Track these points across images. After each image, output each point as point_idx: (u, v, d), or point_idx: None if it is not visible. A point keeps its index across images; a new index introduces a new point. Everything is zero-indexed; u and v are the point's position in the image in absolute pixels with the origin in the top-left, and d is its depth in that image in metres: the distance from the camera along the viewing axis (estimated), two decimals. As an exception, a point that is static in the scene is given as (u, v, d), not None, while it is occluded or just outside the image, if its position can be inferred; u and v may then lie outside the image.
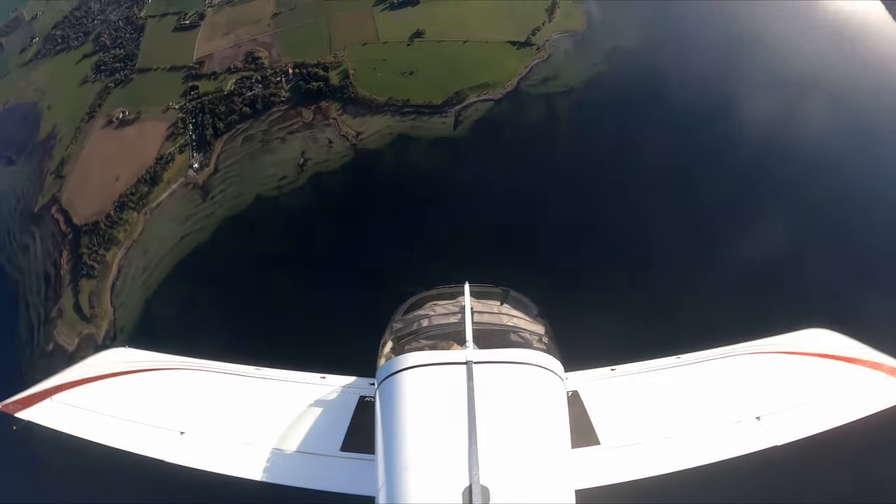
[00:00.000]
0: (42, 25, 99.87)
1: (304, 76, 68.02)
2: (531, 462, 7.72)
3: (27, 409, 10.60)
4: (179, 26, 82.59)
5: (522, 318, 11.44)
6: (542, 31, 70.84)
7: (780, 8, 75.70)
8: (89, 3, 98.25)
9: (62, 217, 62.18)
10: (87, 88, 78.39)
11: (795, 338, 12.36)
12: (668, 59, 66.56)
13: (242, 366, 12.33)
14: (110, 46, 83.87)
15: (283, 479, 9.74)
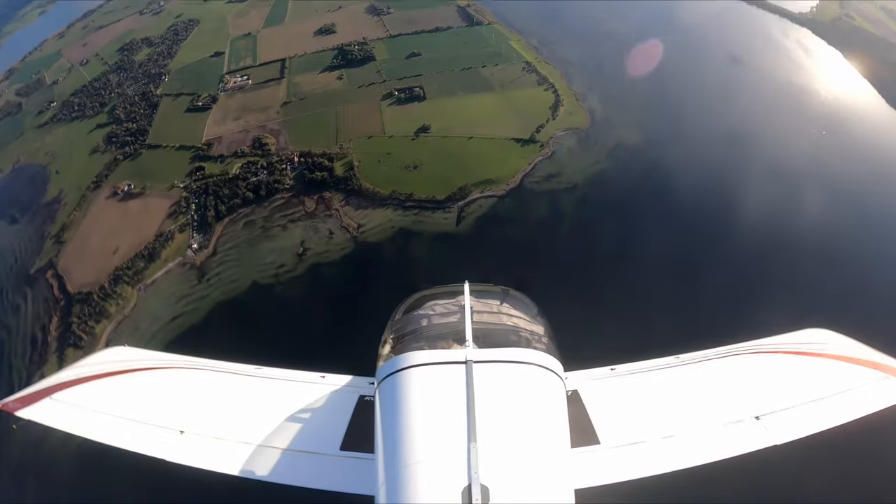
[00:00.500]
0: (61, 90, 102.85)
1: (310, 165, 68.39)
2: (531, 461, 7.60)
3: (27, 407, 10.47)
4: (192, 107, 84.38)
5: (522, 317, 11.32)
6: (546, 129, 71.68)
7: (774, 101, 78.28)
8: (109, 76, 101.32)
9: (56, 282, 61.32)
10: (96, 158, 79.25)
11: (795, 337, 12.32)
12: (670, 155, 66.99)
13: (242, 365, 12.26)
14: (124, 119, 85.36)
15: (282, 479, 9.55)
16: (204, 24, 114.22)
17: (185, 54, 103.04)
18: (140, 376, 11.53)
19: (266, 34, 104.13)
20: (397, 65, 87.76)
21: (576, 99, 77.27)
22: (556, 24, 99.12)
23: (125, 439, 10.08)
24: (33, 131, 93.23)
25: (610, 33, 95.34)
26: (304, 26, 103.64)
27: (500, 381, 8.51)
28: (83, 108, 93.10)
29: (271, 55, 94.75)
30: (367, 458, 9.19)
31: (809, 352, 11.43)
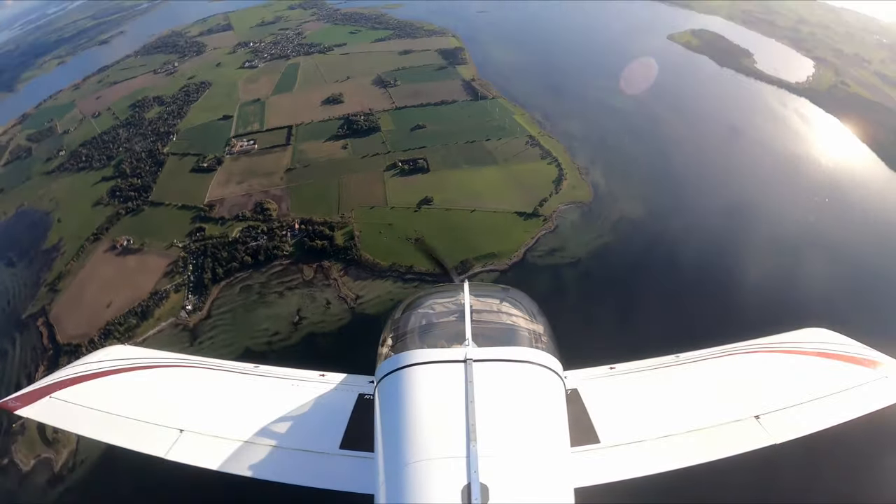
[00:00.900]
0: (71, 140, 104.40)
1: (310, 233, 67.82)
2: (530, 460, 7.46)
3: (27, 406, 10.37)
4: (197, 167, 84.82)
5: (521, 316, 11.19)
6: (549, 202, 71.40)
7: (774, 170, 79.29)
8: (118, 130, 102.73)
9: (47, 331, 60.02)
10: (99, 210, 79.16)
11: (794, 336, 12.19)
12: (673, 228, 66.69)
13: (241, 363, 12.11)
14: (129, 174, 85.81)
15: (282, 477, 9.37)
16: (215, 87, 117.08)
17: (194, 115, 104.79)
18: (139, 375, 11.51)
19: (275, 101, 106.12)
20: (402, 136, 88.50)
21: (579, 172, 77.67)
22: (560, 99, 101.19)
23: (124, 438, 10.02)
24: (40, 177, 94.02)
25: (612, 108, 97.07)
26: (312, 95, 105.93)
27: (499, 379, 8.48)
28: (91, 160, 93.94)
29: (278, 121, 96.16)
30: (366, 456, 9.14)
31: (808, 351, 11.43)
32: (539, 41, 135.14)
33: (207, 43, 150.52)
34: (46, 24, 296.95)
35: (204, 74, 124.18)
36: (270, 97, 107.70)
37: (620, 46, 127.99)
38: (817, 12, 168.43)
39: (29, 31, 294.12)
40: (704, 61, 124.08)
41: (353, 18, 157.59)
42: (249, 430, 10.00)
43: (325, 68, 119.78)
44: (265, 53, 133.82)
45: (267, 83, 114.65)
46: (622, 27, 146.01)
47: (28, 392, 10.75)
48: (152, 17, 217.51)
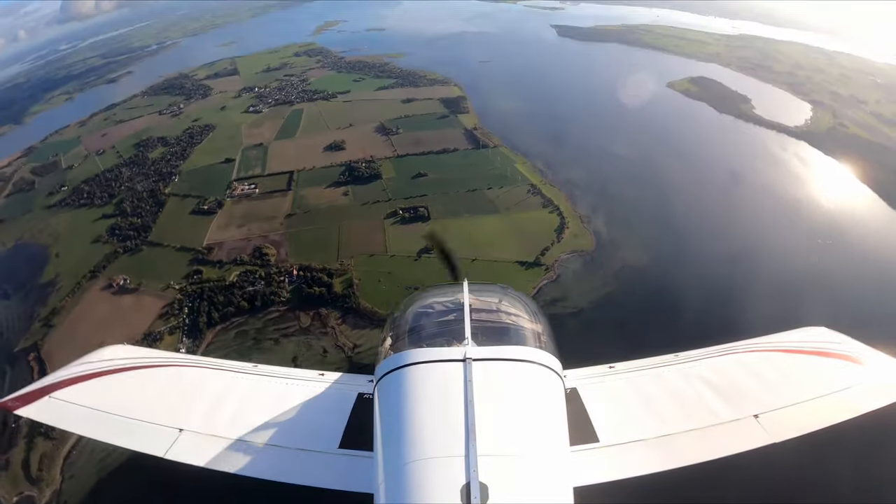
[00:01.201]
0: (74, 176, 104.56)
1: (308, 280, 67.00)
2: (530, 459, 7.40)
3: (26, 406, 10.42)
4: (198, 209, 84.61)
5: (521, 315, 11.21)
6: (551, 251, 70.54)
7: (775, 214, 79.17)
8: (122, 169, 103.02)
9: (38, 366, 58.58)
10: (97, 247, 78.75)
11: (793, 336, 12.21)
12: (676, 276, 65.71)
13: (241, 363, 12.29)
14: (129, 213, 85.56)
15: (281, 476, 9.33)
16: (219, 130, 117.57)
17: (197, 157, 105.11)
18: (138, 374, 11.51)
19: (277, 146, 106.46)
20: (403, 184, 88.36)
21: (581, 221, 77.07)
22: (562, 148, 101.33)
23: (123, 437, 10.05)
24: (41, 211, 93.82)
25: (614, 156, 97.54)
26: (314, 141, 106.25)
27: (498, 378, 8.48)
28: (92, 197, 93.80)
29: (280, 167, 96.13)
30: (365, 455, 9.07)
31: (807, 350, 11.46)
32: (541, 90, 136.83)
33: (213, 86, 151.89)
34: (57, 60, 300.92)
35: (208, 117, 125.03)
36: (273, 142, 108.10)
37: (621, 94, 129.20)
38: (812, 57, 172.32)
39: (40, 66, 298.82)
40: (703, 108, 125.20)
41: (357, 67, 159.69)
42: (248, 429, 10.02)
43: (328, 115, 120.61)
44: (269, 99, 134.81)
45: (270, 128, 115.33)
46: (622, 76, 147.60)
47: (27, 392, 10.83)
48: (161, 58, 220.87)
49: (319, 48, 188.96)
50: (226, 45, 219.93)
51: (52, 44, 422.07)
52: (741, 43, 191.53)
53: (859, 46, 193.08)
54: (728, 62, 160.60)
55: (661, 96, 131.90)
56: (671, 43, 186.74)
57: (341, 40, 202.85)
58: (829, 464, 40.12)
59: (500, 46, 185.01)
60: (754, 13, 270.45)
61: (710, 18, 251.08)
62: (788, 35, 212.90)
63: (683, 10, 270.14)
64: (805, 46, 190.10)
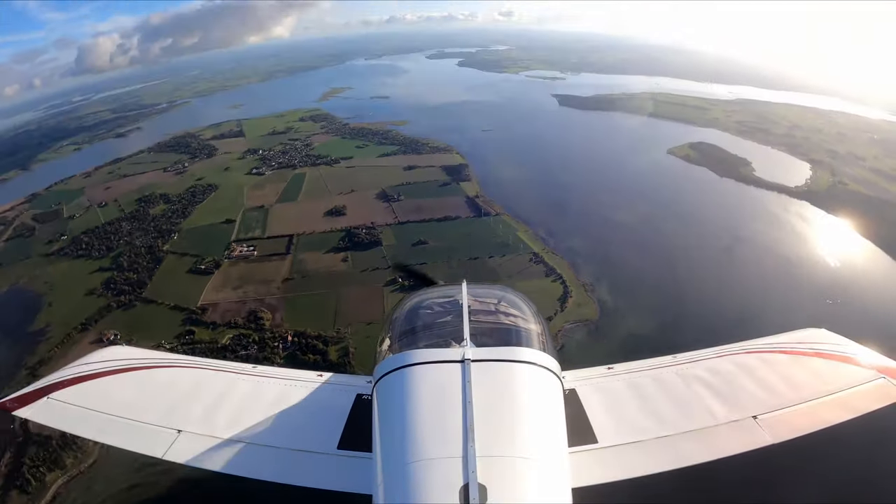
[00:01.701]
0: (75, 226, 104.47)
1: (303, 346, 64.99)
2: (528, 461, 7.16)
3: (24, 407, 10.15)
4: (195, 269, 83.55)
5: (519, 316, 11.05)
6: (554, 321, 68.42)
7: (779, 276, 78.64)
8: (122, 223, 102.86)
9: (19, 418, 57.69)
10: (91, 300, 77.42)
11: (792, 337, 12.16)
12: (682, 343, 63.05)
13: (240, 364, 12.01)
14: (126, 268, 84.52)
15: (280, 477, 9.06)
16: (222, 190, 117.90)
17: (198, 216, 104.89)
18: (137, 375, 11.27)
19: (278, 209, 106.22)
20: (403, 251, 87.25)
21: (584, 290, 75.46)
22: (564, 215, 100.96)
23: (122, 439, 9.75)
24: (39, 258, 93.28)
25: (616, 223, 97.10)
26: (315, 205, 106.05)
27: (497, 379, 8.32)
28: (90, 248, 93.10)
29: (280, 230, 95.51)
30: (364, 456, 8.81)
31: (807, 351, 11.38)
32: (542, 158, 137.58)
33: (219, 147, 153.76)
34: (69, 111, 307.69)
35: (212, 177, 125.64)
36: (274, 205, 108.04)
37: (622, 162, 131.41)
38: (808, 117, 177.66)
39: (52, 115, 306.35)
40: (704, 173, 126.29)
41: (361, 133, 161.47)
42: (247, 430, 9.78)
43: (331, 180, 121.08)
44: (273, 162, 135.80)
45: (272, 191, 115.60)
46: (623, 143, 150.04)
47: (26, 393, 10.52)
48: (169, 116, 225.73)
49: (324, 114, 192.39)
50: (234, 107, 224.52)
51: (65, 94, 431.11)
52: (738, 107, 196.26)
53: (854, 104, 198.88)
54: (727, 126, 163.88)
55: (662, 163, 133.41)
56: (670, 110, 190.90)
57: (346, 107, 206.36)
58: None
59: (503, 115, 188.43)
60: (749, 78, 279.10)
61: (706, 85, 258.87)
62: (784, 97, 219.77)
63: (681, 78, 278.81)
64: (801, 107, 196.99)
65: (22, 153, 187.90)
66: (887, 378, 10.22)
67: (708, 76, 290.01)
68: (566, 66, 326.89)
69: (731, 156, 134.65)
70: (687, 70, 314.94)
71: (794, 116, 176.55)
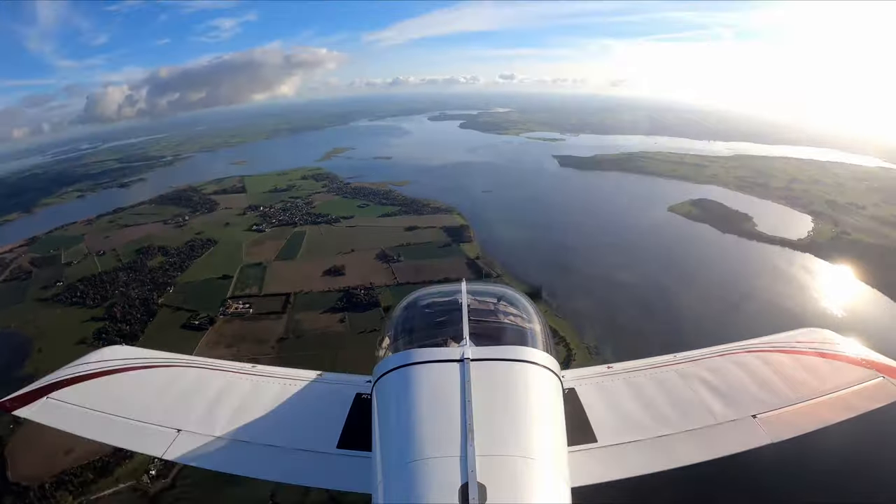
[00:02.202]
0: (71, 273, 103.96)
1: None
2: (527, 460, 6.96)
3: (24, 406, 9.72)
4: (188, 324, 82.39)
5: (519, 315, 10.73)
6: None
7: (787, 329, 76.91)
8: (119, 273, 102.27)
9: None
10: (81, 349, 72.63)
11: (792, 336, 11.95)
12: None
13: (239, 363, 11.50)
14: (119, 319, 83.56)
15: (279, 477, 8.76)
16: (220, 245, 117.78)
17: (195, 271, 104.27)
18: (137, 374, 10.94)
19: (276, 266, 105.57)
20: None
21: (588, 352, 74.46)
22: (566, 276, 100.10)
23: (122, 438, 9.43)
24: (33, 302, 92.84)
25: (619, 283, 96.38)
26: (314, 264, 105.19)
27: (496, 379, 8.19)
28: (85, 297, 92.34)
29: (277, 288, 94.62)
30: (364, 456, 8.47)
31: (806, 350, 11.23)
32: (544, 219, 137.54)
33: (220, 202, 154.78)
34: (76, 158, 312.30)
35: (211, 232, 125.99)
36: (273, 262, 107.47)
37: (624, 221, 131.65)
38: (806, 169, 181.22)
39: (59, 161, 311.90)
40: (706, 229, 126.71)
41: (363, 193, 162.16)
42: (247, 429, 9.47)
43: (330, 239, 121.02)
44: (274, 219, 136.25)
45: (271, 248, 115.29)
46: (624, 202, 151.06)
47: (25, 392, 10.06)
48: (173, 169, 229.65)
49: (326, 173, 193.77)
50: (237, 163, 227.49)
51: (74, 141, 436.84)
52: (737, 163, 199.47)
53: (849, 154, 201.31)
54: (726, 182, 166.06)
55: (664, 221, 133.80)
56: (669, 168, 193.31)
57: (349, 166, 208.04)
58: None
59: (503, 176, 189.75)
60: (746, 133, 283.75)
61: (704, 142, 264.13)
62: (781, 151, 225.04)
63: (679, 137, 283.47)
64: (798, 160, 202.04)
65: (26, 196, 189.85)
66: (886, 377, 10.15)
67: (706, 134, 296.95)
68: (566, 128, 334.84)
69: (733, 211, 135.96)
70: (685, 128, 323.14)
71: (792, 169, 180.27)
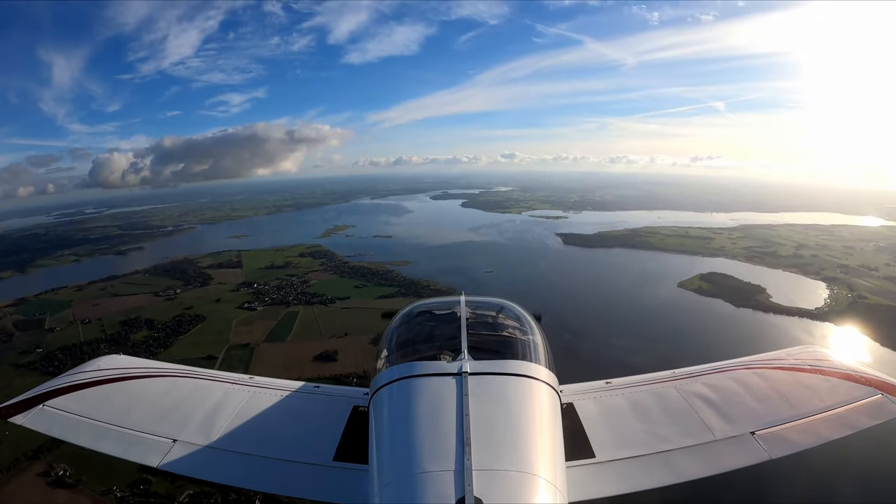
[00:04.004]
0: (53, 340, 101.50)
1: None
2: (525, 475, 6.59)
3: (20, 414, 9.38)
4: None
5: (518, 329, 10.46)
6: None
7: None
8: (101, 345, 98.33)
9: None
10: None
11: (790, 353, 11.61)
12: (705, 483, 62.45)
13: (237, 374, 11.37)
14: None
15: (275, 489, 8.42)
16: (209, 322, 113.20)
17: (179, 348, 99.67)
18: (134, 384, 10.62)
19: (265, 348, 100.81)
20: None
21: None
22: (575, 360, 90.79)
23: (117, 447, 8.92)
24: (8, 367, 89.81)
25: (631, 367, 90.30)
26: (305, 348, 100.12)
27: (495, 393, 7.89)
28: (62, 367, 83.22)
29: (263, 372, 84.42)
30: (360, 469, 8.17)
31: (804, 368, 10.78)
32: (548, 299, 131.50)
33: (214, 276, 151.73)
34: (79, 221, 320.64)
35: (201, 307, 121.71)
36: (261, 344, 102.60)
37: (633, 300, 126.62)
38: (812, 234, 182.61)
39: (61, 223, 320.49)
40: (719, 304, 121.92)
41: (361, 273, 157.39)
42: (243, 440, 9.01)
43: (324, 321, 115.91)
44: (267, 297, 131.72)
45: (261, 328, 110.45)
46: (632, 280, 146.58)
47: (21, 400, 9.67)
48: (172, 240, 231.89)
49: (325, 251, 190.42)
50: (236, 237, 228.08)
51: (80, 205, 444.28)
52: (742, 233, 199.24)
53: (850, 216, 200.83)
54: (734, 254, 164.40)
55: (675, 297, 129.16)
56: (675, 242, 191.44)
57: (348, 244, 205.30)
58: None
59: (506, 255, 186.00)
60: (745, 203, 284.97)
61: (706, 214, 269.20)
62: (784, 218, 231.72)
63: (681, 210, 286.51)
64: (803, 226, 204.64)
65: (24, 255, 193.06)
66: (885, 395, 9.78)
67: (706, 205, 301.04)
68: (568, 205, 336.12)
69: (745, 283, 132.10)
70: (685, 201, 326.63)
71: (798, 236, 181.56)
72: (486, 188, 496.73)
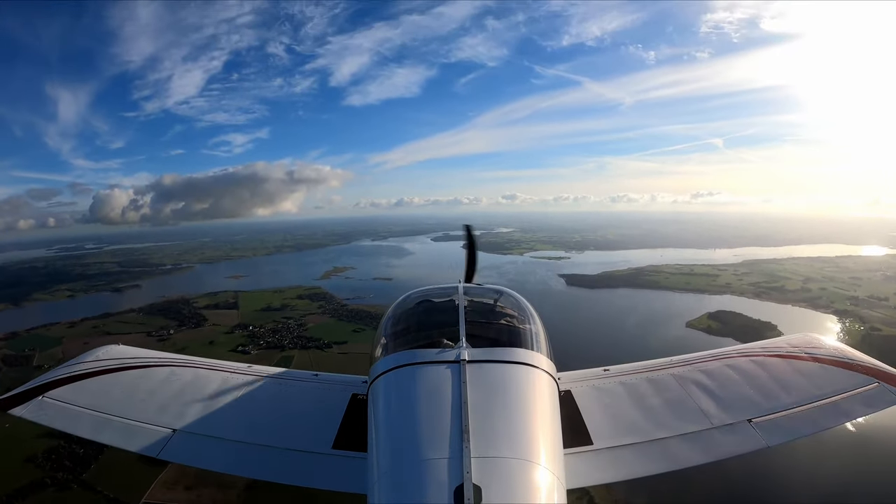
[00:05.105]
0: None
1: None
2: (523, 462, 6.57)
3: (19, 406, 9.26)
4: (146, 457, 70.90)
5: (516, 317, 10.53)
6: None
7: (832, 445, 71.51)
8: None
9: None
10: (27, 469, 69.01)
11: (787, 341, 11.73)
12: None
13: (235, 363, 11.22)
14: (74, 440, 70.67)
15: (274, 477, 8.27)
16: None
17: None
18: (133, 374, 10.55)
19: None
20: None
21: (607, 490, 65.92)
22: None
23: (117, 438, 8.88)
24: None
25: None
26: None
27: (493, 380, 7.86)
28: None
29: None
30: (359, 456, 8.09)
31: (802, 356, 10.78)
32: (553, 343, 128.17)
33: (209, 317, 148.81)
34: (78, 256, 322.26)
35: (194, 349, 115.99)
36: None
37: (641, 342, 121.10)
38: (818, 267, 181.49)
39: (60, 257, 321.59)
40: (730, 343, 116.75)
41: (359, 316, 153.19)
42: (242, 429, 8.98)
43: (319, 367, 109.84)
44: (262, 340, 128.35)
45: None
46: (639, 321, 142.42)
47: (21, 391, 9.53)
48: (170, 279, 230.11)
49: (324, 293, 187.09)
50: (234, 277, 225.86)
51: (81, 240, 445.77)
52: (747, 269, 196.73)
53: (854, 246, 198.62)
54: (741, 290, 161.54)
55: (684, 338, 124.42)
56: (680, 280, 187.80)
57: (347, 287, 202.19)
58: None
59: None
60: (748, 238, 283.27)
61: (710, 251, 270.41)
62: (788, 252, 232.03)
63: (684, 248, 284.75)
64: (808, 259, 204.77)
65: (21, 288, 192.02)
66: (882, 383, 9.74)
67: (708, 242, 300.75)
68: (570, 245, 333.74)
69: (754, 321, 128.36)
70: (688, 238, 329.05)
71: (803, 269, 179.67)
72: (488, 229, 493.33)
